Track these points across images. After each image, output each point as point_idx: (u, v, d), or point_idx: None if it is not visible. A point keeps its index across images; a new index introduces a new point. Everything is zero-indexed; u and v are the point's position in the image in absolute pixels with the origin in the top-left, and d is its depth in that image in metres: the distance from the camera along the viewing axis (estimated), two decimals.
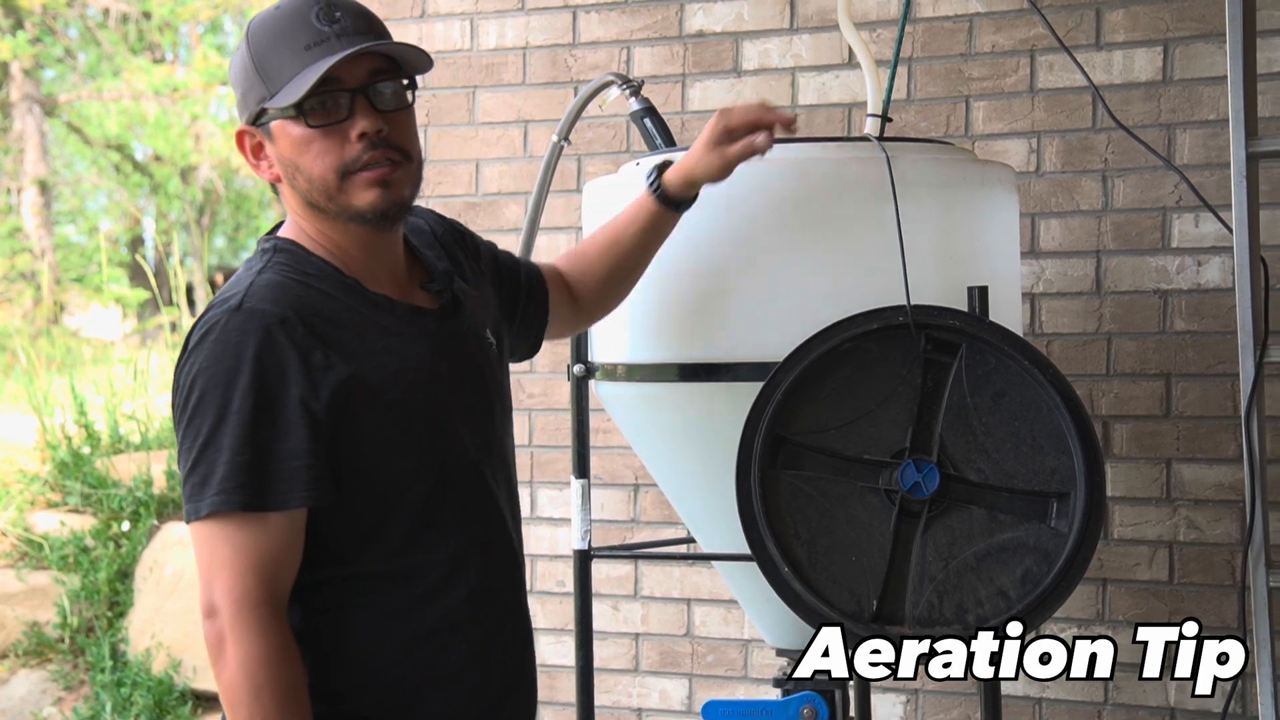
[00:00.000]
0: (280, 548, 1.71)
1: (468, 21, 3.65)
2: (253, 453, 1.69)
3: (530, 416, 3.61)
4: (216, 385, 1.69)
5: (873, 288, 2.32)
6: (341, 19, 1.75)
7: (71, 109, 15.39)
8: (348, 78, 1.75)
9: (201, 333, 1.73)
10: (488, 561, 1.86)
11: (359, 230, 1.81)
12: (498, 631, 1.87)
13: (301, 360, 1.70)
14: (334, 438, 1.72)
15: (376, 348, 1.78)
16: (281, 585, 1.72)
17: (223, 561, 1.69)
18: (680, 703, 3.48)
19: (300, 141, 1.76)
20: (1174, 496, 3.12)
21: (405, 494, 1.78)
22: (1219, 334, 3.07)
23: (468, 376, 1.89)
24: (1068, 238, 3.18)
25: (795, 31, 3.37)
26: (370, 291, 1.82)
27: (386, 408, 1.76)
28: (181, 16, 14.74)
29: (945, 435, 2.22)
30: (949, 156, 2.51)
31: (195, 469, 1.70)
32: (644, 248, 2.28)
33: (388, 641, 1.78)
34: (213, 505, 1.68)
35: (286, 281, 1.76)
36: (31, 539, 5.74)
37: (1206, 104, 3.08)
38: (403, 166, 1.81)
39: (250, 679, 1.67)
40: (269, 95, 1.76)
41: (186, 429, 1.71)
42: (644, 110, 2.80)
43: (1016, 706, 3.20)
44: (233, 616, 1.68)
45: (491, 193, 3.64)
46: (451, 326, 1.89)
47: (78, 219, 16.17)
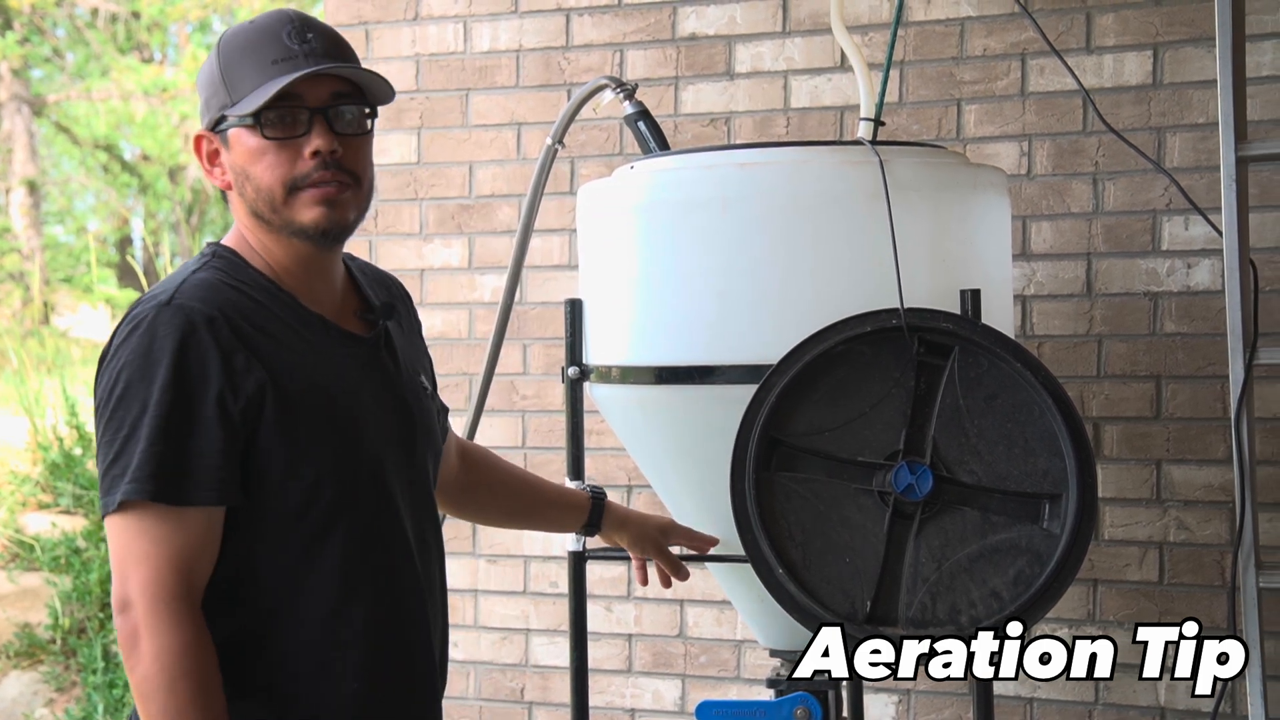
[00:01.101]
0: (196, 543, 1.72)
1: (461, 24, 3.66)
2: (167, 446, 1.70)
3: (524, 418, 3.62)
4: (139, 379, 1.71)
5: (865, 291, 2.33)
6: (312, 40, 1.80)
7: (60, 109, 15.35)
8: (310, 96, 1.79)
9: (129, 327, 1.75)
10: (388, 589, 1.86)
11: (300, 247, 1.84)
12: (389, 667, 1.86)
13: (224, 360, 1.73)
14: (248, 440, 1.74)
15: (299, 359, 1.80)
16: (197, 580, 1.73)
17: (138, 555, 1.70)
18: (673, 703, 3.49)
19: (254, 151, 1.79)
20: (1164, 498, 3.13)
21: (310, 508, 1.79)
22: (1209, 336, 3.09)
23: (392, 407, 1.91)
24: (1059, 240, 3.20)
25: (788, 34, 3.38)
26: (304, 308, 1.84)
27: (301, 419, 1.77)
28: (170, 16, 14.71)
29: (938, 437, 2.24)
30: (941, 160, 2.52)
31: (115, 461, 1.72)
32: (534, 520, 2.50)
33: (289, 647, 1.80)
34: (127, 493, 1.69)
35: (220, 284, 1.79)
36: (23, 540, 5.73)
37: (1196, 107, 3.09)
38: (351, 189, 1.83)
39: (165, 671, 1.68)
40: (230, 103, 1.80)
41: (108, 422, 1.73)
42: (638, 114, 2.81)
43: (1008, 706, 3.22)
44: (148, 610, 1.69)
45: (485, 195, 3.65)
46: (380, 357, 1.92)
47: (66, 219, 16.12)
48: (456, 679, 3.69)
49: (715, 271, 2.42)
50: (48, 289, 13.80)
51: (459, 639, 3.68)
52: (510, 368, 3.60)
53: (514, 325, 3.54)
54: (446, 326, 3.69)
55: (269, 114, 1.77)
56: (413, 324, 2.12)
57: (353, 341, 1.89)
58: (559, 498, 2.43)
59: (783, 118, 3.38)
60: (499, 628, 3.63)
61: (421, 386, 2.01)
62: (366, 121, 1.85)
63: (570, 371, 2.65)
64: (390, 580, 1.87)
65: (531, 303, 3.60)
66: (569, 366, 2.65)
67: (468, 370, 3.66)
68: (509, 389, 3.61)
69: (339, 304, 1.91)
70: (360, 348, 1.89)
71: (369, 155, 1.88)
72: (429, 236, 3.70)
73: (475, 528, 3.65)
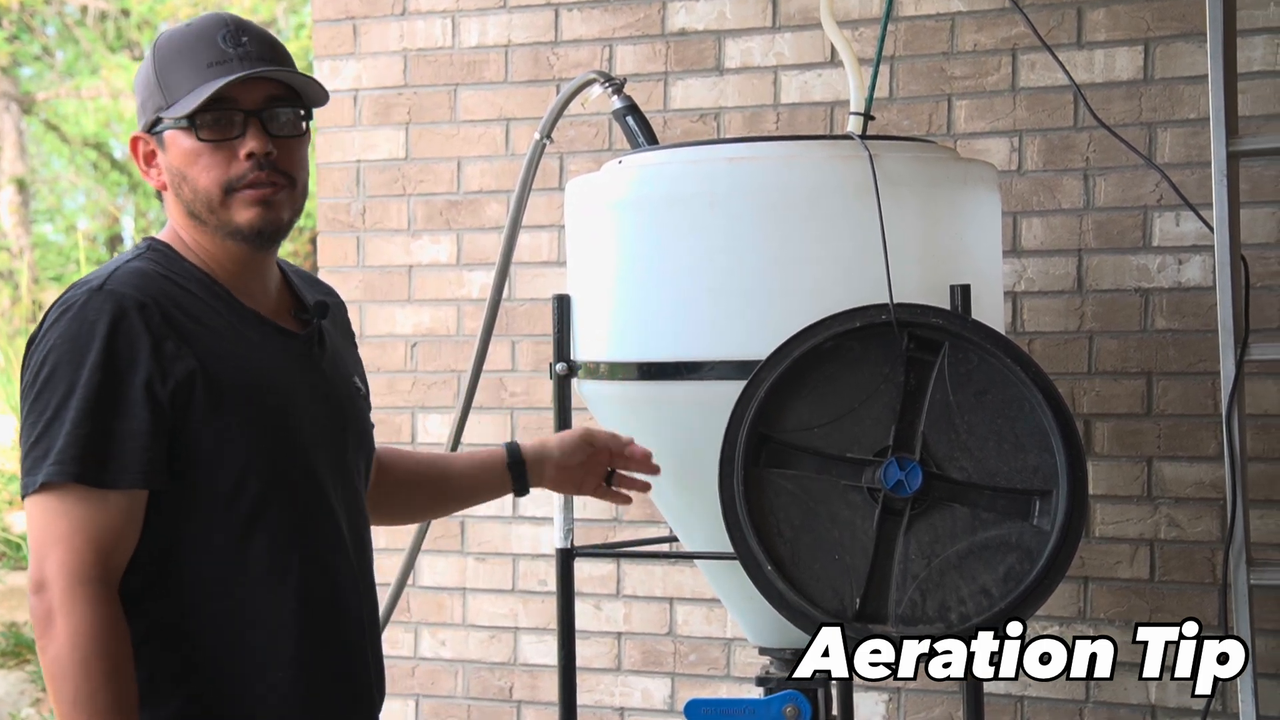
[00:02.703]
0: (116, 526, 1.72)
1: (449, 19, 3.64)
2: (93, 428, 1.71)
3: (512, 415, 3.60)
4: (67, 362, 1.73)
5: (855, 286, 2.32)
6: (247, 44, 1.83)
7: (49, 107, 15.31)
8: (244, 99, 1.82)
9: (59, 310, 1.77)
10: (320, 583, 1.86)
11: (235, 248, 1.86)
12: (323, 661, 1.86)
13: (154, 346, 1.74)
14: (175, 427, 1.76)
15: (231, 349, 1.82)
16: (115, 564, 1.73)
17: (58, 536, 1.70)
18: (663, 702, 3.48)
19: (190, 153, 1.83)
20: (1155, 495, 3.12)
21: (239, 495, 1.80)
22: (1200, 332, 3.08)
23: (324, 404, 1.92)
24: (1049, 236, 3.19)
25: (778, 30, 3.37)
26: (238, 302, 1.87)
27: (230, 407, 1.79)
28: (160, 14, 14.67)
29: (928, 433, 2.23)
30: (931, 155, 2.51)
31: (38, 443, 1.72)
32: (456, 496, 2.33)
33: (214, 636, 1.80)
34: (49, 475, 1.70)
35: (153, 273, 1.81)
36: (9, 539, 5.71)
37: (1187, 103, 3.08)
38: (286, 189, 1.86)
39: (78, 651, 1.68)
40: (165, 105, 1.84)
41: (34, 403, 1.74)
42: (626, 108, 2.79)
43: (998, 705, 3.21)
44: (64, 590, 1.69)
45: (473, 191, 3.63)
46: (314, 354, 1.94)
47: (55, 217, 16.08)
48: (444, 678, 3.67)
49: (704, 266, 2.41)
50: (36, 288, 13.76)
51: (446, 638, 3.66)
52: (499, 364, 3.58)
53: (502, 322, 3.52)
54: (434, 323, 3.67)
55: (204, 116, 1.81)
56: (348, 331, 2.13)
57: (287, 336, 1.91)
58: (470, 464, 2.29)
59: (772, 113, 3.37)
60: (487, 626, 3.61)
61: (355, 388, 2.02)
62: (301, 124, 1.89)
63: (558, 368, 2.64)
64: (322, 574, 1.87)
65: (520, 299, 3.58)
66: (557, 363, 2.64)
67: (456, 367, 3.64)
68: (497, 386, 3.60)
69: (274, 303, 1.93)
70: (294, 343, 1.91)
71: (304, 157, 1.91)
72: (417, 232, 3.68)
73: (463, 525, 3.63)
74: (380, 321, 3.71)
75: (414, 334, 3.69)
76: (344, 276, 3.74)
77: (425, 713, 3.69)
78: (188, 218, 1.87)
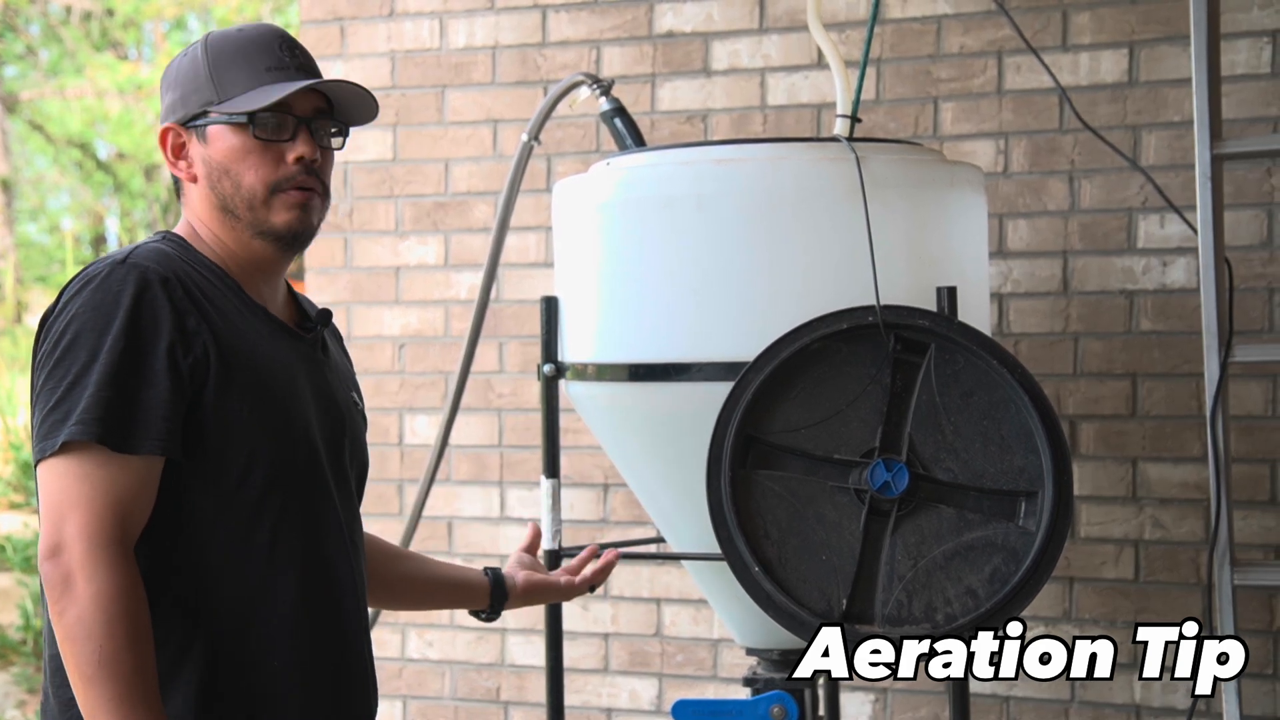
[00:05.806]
0: (135, 491, 1.73)
1: (437, 20, 3.64)
2: (115, 393, 1.72)
3: (500, 416, 3.60)
4: (91, 329, 1.74)
5: (842, 288, 2.32)
6: (300, 55, 1.92)
7: (34, 106, 15.25)
8: (298, 107, 1.89)
9: (81, 283, 1.79)
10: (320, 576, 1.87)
11: (261, 247, 1.90)
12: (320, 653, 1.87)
13: (176, 319, 1.77)
14: (193, 399, 1.77)
15: (243, 336, 1.85)
16: (132, 529, 1.73)
17: (77, 498, 1.70)
18: (650, 702, 3.48)
19: (238, 149, 1.87)
20: (1140, 495, 3.14)
21: (247, 476, 1.81)
22: (1184, 334, 3.09)
23: (325, 407, 1.95)
24: (1035, 238, 3.20)
25: (765, 32, 3.37)
26: (249, 297, 1.90)
27: (240, 391, 1.81)
28: (145, 14, 14.64)
29: (914, 435, 2.23)
30: (918, 157, 2.52)
31: (57, 407, 1.72)
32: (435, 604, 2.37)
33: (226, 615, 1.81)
34: (71, 434, 1.70)
35: (173, 256, 1.84)
36: None
37: (1171, 106, 3.10)
38: (320, 197, 1.92)
39: (103, 612, 1.68)
40: (217, 101, 1.87)
41: (54, 370, 1.74)
42: (614, 110, 2.80)
43: (984, 705, 3.22)
44: (85, 552, 1.69)
45: (461, 192, 3.63)
46: (318, 358, 1.97)
47: (40, 217, 16.03)
48: (432, 679, 3.67)
49: (691, 268, 2.41)
50: (21, 288, 13.72)
51: (434, 639, 3.66)
52: (486, 366, 3.58)
53: (490, 323, 3.53)
54: (422, 324, 3.67)
55: (263, 116, 1.86)
56: (344, 352, 2.17)
57: (293, 336, 1.94)
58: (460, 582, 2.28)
59: (760, 115, 3.37)
60: (475, 627, 3.61)
61: (353, 401, 2.05)
62: (341, 139, 1.96)
63: (546, 369, 2.64)
64: (322, 564, 1.88)
65: (507, 300, 3.58)
66: (545, 364, 2.64)
67: (443, 368, 3.64)
68: (485, 387, 3.60)
69: (280, 309, 1.97)
70: (300, 344, 1.94)
71: (331, 170, 1.98)
72: (405, 234, 3.68)
73: (450, 526, 3.63)
74: (368, 323, 3.71)
75: (401, 335, 3.69)
76: (331, 277, 3.74)
77: (413, 713, 3.69)
78: (217, 211, 1.89)
